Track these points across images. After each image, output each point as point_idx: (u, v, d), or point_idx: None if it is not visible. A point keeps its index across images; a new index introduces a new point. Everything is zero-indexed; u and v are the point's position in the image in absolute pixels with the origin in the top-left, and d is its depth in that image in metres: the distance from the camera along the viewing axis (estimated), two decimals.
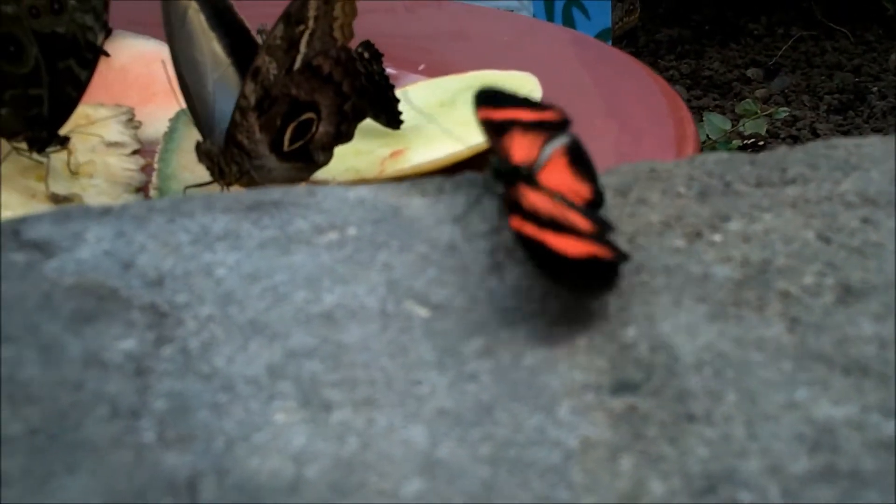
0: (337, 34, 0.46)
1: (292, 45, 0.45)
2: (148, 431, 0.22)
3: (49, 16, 0.47)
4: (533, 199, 0.27)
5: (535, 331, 0.24)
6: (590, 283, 0.25)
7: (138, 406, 0.22)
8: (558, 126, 0.31)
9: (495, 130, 0.30)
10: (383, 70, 0.52)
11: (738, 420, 0.21)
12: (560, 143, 0.30)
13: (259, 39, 0.47)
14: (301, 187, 0.30)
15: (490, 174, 0.28)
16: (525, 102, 0.32)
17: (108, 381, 0.23)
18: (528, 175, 0.28)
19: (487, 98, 0.32)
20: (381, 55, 0.52)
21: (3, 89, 0.46)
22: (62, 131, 0.48)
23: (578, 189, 0.29)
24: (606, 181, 0.30)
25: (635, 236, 0.28)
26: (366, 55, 0.52)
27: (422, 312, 0.25)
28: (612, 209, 0.29)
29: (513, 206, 0.27)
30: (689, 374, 0.23)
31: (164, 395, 0.23)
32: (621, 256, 0.26)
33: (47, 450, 0.21)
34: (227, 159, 0.45)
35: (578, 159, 0.30)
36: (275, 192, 0.30)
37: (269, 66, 0.45)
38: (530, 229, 0.26)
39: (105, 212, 0.29)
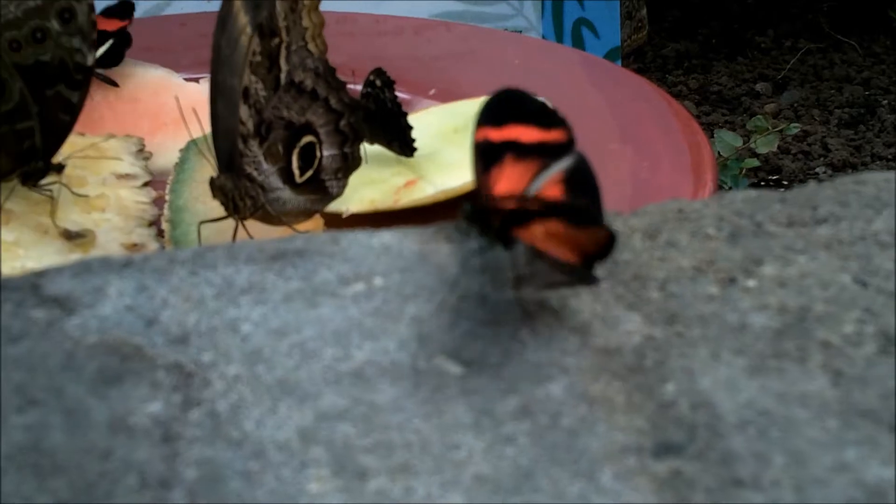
0: (311, 47, 0.45)
1: (272, 61, 0.44)
2: (180, 503, 0.21)
3: (32, 46, 0.46)
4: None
5: (571, 387, 0.24)
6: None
7: (168, 475, 0.22)
8: (561, 149, 0.30)
9: (486, 158, 0.29)
10: (395, 97, 0.51)
11: (786, 485, 0.21)
12: (557, 170, 0.29)
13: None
14: (324, 234, 0.29)
15: (462, 220, 0.27)
16: (534, 115, 0.30)
17: (135, 448, 0.22)
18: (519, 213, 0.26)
19: (493, 110, 0.30)
20: (394, 82, 0.51)
21: None
22: (60, 158, 0.48)
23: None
24: (633, 223, 0.30)
25: (667, 283, 0.27)
26: (378, 82, 0.51)
27: (454, 370, 0.24)
28: (642, 253, 0.28)
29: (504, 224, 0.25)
30: (732, 434, 0.22)
31: (194, 464, 0.22)
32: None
33: None
34: (242, 193, 0.44)
35: (578, 185, 0.28)
36: (298, 241, 0.29)
37: (255, 86, 0.44)
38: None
39: (126, 264, 0.28)
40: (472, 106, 0.56)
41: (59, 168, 0.48)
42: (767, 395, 0.23)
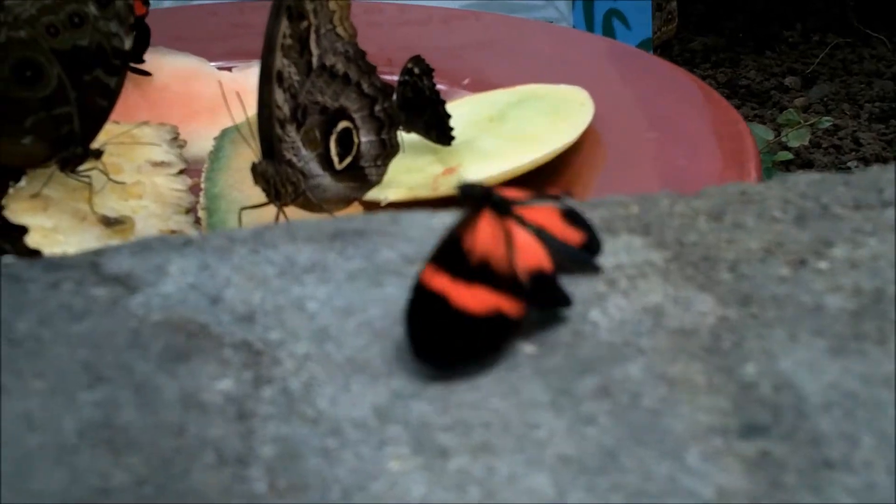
0: (340, 30, 0.45)
1: (303, 45, 0.44)
2: (259, 481, 0.21)
3: (69, 31, 0.46)
4: (481, 233, 0.25)
5: (648, 368, 0.23)
6: (480, 344, 0.23)
7: (245, 452, 0.21)
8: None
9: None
10: (434, 85, 0.51)
11: (879, 466, 0.20)
12: (556, 203, 0.28)
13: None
14: (383, 215, 0.29)
15: (460, 198, 0.26)
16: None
17: (210, 425, 0.22)
18: (499, 201, 0.26)
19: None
20: (432, 70, 0.51)
21: (24, 117, 0.46)
22: (96, 145, 0.47)
23: (568, 232, 0.27)
24: (696, 205, 0.29)
25: (737, 264, 0.27)
26: (416, 70, 0.51)
27: (527, 349, 0.24)
28: (708, 234, 0.28)
29: (443, 249, 0.24)
30: (819, 415, 0.22)
31: (271, 441, 0.22)
32: (550, 306, 0.25)
33: (158, 502, 0.20)
34: (283, 179, 0.44)
35: (572, 216, 0.27)
36: (356, 221, 0.29)
37: (289, 69, 0.44)
38: (440, 282, 0.24)
39: (186, 243, 0.28)
40: (506, 95, 0.56)
41: (98, 154, 0.48)
42: (851, 376, 0.23)
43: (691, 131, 0.51)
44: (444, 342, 0.23)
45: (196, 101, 0.58)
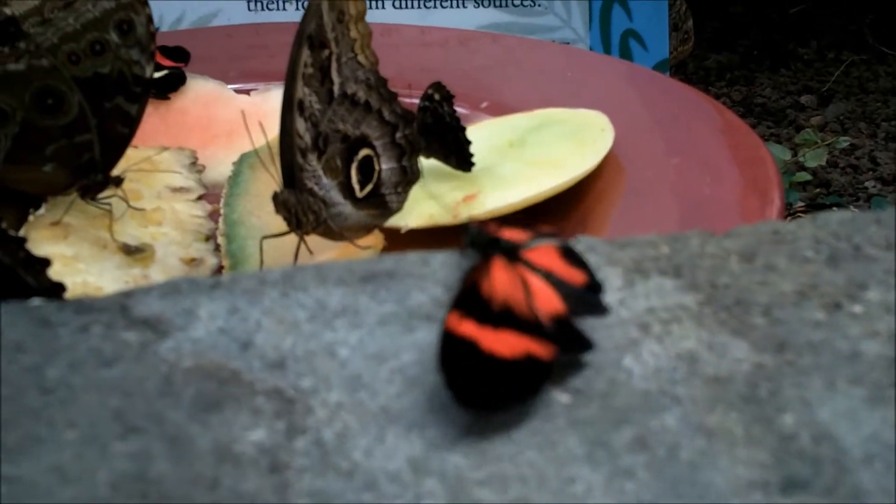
0: (361, 58, 0.45)
1: (324, 73, 0.44)
2: None
3: (90, 59, 0.46)
4: (498, 280, 0.25)
5: (685, 418, 0.23)
6: (517, 388, 0.23)
7: None
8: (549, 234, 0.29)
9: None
10: (454, 111, 0.51)
11: None
12: (551, 240, 0.28)
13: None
14: (413, 255, 0.29)
15: (466, 243, 0.26)
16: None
17: (244, 478, 0.22)
18: (509, 248, 0.26)
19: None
20: (453, 96, 0.51)
21: (45, 145, 0.46)
22: (116, 171, 0.47)
23: (570, 273, 0.27)
24: (728, 245, 0.29)
25: (771, 308, 0.26)
26: (436, 96, 0.51)
27: (562, 398, 0.24)
28: (740, 276, 0.28)
29: (465, 296, 0.25)
30: (859, 468, 0.21)
31: (306, 495, 0.21)
32: (573, 351, 0.25)
33: None
34: (304, 208, 0.44)
35: (570, 256, 0.27)
36: (387, 262, 0.29)
37: (310, 98, 0.44)
38: (467, 328, 0.24)
39: (215, 285, 0.28)
40: (525, 120, 0.55)
41: (118, 181, 0.47)
42: (890, 427, 0.22)
43: (713, 157, 0.51)
44: (482, 387, 0.23)
45: (214, 125, 0.58)
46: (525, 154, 0.53)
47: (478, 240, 0.26)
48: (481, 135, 0.53)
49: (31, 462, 0.22)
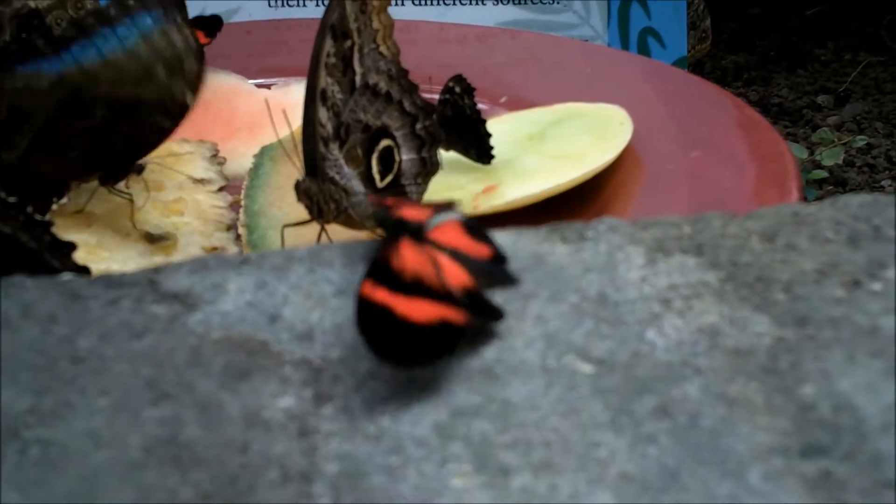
0: (383, 49, 0.45)
1: (346, 64, 0.44)
2: (323, 497, 0.21)
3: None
4: (407, 256, 0.26)
5: (706, 388, 0.23)
6: (432, 350, 0.24)
7: (309, 469, 0.22)
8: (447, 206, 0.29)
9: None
10: (475, 104, 0.51)
11: None
12: (452, 215, 0.28)
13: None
14: None
15: (373, 224, 0.27)
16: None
17: (273, 442, 0.22)
18: (415, 229, 0.27)
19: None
20: (473, 89, 0.51)
21: (72, 137, 0.46)
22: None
23: (475, 247, 0.28)
24: (749, 226, 0.29)
25: (791, 285, 0.27)
26: (457, 89, 0.51)
27: (585, 368, 0.24)
28: (761, 255, 0.28)
29: (376, 268, 0.25)
30: (878, 436, 0.22)
31: (334, 458, 0.22)
32: (487, 316, 0.25)
33: None
34: (326, 197, 0.44)
35: (473, 229, 0.28)
36: None
37: (332, 88, 0.44)
38: (381, 295, 0.24)
39: (243, 262, 0.28)
40: (545, 114, 0.56)
41: (140, 169, 0.48)
42: None
43: (731, 151, 0.51)
44: (399, 350, 0.24)
45: (235, 118, 0.59)
46: (545, 147, 0.53)
47: (384, 222, 0.27)
48: (501, 128, 0.54)
49: (64, 426, 0.23)
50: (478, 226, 0.28)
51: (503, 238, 0.29)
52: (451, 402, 0.23)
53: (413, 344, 0.24)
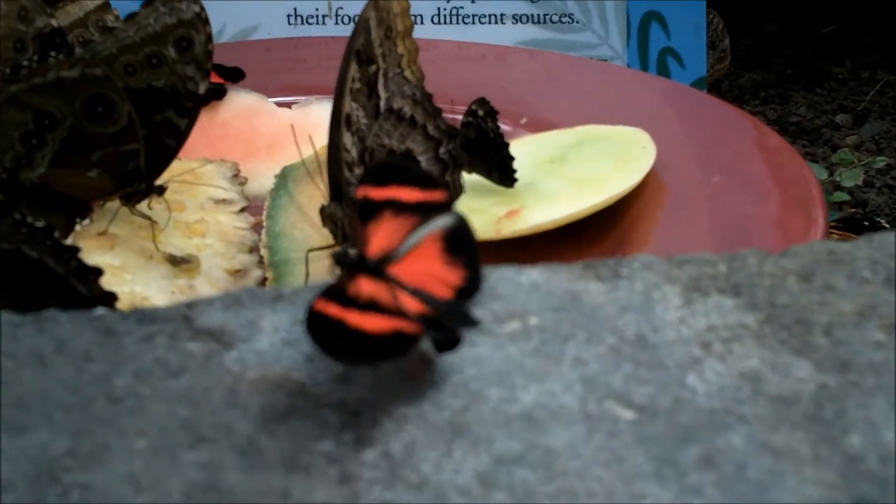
0: (407, 73, 0.45)
1: (371, 89, 0.44)
2: None
3: (146, 71, 0.46)
4: (362, 285, 0.26)
5: (751, 437, 0.23)
6: (383, 353, 0.24)
7: None
8: (441, 207, 0.29)
9: (364, 214, 0.29)
10: (498, 127, 0.51)
11: None
12: (436, 226, 0.29)
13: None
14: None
15: (333, 262, 0.27)
16: (416, 179, 0.30)
17: (314, 489, 0.22)
18: (373, 268, 0.27)
19: (375, 173, 0.30)
20: (496, 112, 0.51)
21: (92, 151, 0.46)
22: (159, 181, 0.48)
23: (447, 276, 0.27)
24: (784, 264, 0.29)
25: (831, 328, 0.26)
26: (480, 112, 0.51)
27: (627, 415, 0.24)
28: (799, 296, 0.28)
29: (332, 292, 0.25)
30: None
31: None
32: (445, 345, 0.25)
33: None
34: (350, 222, 0.44)
35: (455, 244, 0.28)
36: None
37: (357, 113, 0.44)
38: (333, 310, 0.24)
39: (276, 297, 0.28)
40: (567, 136, 0.56)
41: (161, 190, 0.48)
42: None
43: (755, 176, 0.51)
44: (351, 357, 0.24)
45: (256, 138, 0.59)
46: (566, 170, 0.53)
47: (342, 261, 0.27)
48: (522, 150, 0.54)
49: (104, 470, 0.22)
50: (461, 238, 0.28)
51: (536, 275, 0.28)
52: (492, 449, 0.23)
53: (364, 348, 0.24)
